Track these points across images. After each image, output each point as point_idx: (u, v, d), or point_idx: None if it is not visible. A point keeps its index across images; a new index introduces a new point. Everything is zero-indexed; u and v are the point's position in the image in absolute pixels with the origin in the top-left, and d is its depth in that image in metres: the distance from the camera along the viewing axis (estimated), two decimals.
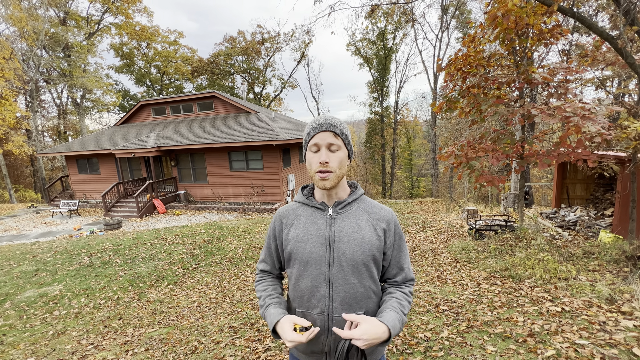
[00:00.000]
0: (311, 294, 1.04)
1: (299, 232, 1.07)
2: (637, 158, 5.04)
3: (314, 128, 1.03)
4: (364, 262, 1.03)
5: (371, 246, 1.03)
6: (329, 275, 1.02)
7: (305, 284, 1.05)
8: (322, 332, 1.04)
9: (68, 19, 21.89)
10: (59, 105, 24.66)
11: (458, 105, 5.81)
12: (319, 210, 1.08)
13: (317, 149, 1.02)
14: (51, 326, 4.09)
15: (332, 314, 1.02)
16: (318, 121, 1.04)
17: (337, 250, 1.02)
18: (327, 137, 1.01)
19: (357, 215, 1.07)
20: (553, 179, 9.38)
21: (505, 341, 2.40)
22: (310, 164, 1.04)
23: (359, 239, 1.03)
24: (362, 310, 1.04)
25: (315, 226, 1.06)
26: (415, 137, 33.76)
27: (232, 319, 3.61)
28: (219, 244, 7.24)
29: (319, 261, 1.03)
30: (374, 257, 1.05)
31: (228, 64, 30.64)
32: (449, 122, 16.22)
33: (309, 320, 1.04)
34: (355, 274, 1.02)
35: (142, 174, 13.94)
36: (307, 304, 1.05)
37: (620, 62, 5.07)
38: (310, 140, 1.03)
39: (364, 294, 1.04)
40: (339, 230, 1.04)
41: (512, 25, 4.81)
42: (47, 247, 7.76)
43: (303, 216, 1.10)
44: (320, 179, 1.02)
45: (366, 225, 1.05)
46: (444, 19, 22.63)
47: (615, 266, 3.73)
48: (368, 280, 1.05)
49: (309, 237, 1.05)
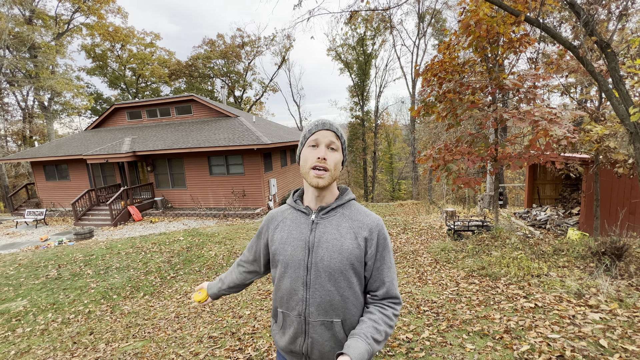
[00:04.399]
0: (290, 296, 1.05)
1: (283, 234, 1.09)
2: (599, 160, 5.38)
3: (316, 125, 1.04)
4: (340, 270, 1.00)
5: (350, 254, 1.00)
6: (306, 280, 1.02)
7: (285, 285, 1.06)
8: (299, 334, 1.05)
9: (34, 17, 20.75)
10: (24, 108, 23.24)
11: (435, 110, 5.98)
12: (303, 214, 1.09)
13: (316, 145, 1.02)
14: (13, 345, 3.79)
15: (309, 317, 1.02)
16: (321, 120, 1.06)
17: (315, 256, 1.01)
18: (329, 135, 1.03)
19: (339, 221, 1.05)
20: (525, 180, 9.84)
21: (483, 339, 2.46)
22: (306, 160, 1.03)
23: (337, 246, 1.01)
24: (339, 318, 1.02)
25: (298, 230, 1.07)
26: (396, 140, 34.46)
27: (212, 329, 3.50)
28: (199, 251, 7.03)
29: (298, 264, 1.03)
30: (353, 265, 1.01)
31: (207, 67, 30.11)
32: (427, 126, 16.69)
33: (288, 321, 1.08)
34: (332, 281, 1.01)
35: (117, 180, 13.36)
36: (287, 305, 1.07)
37: (582, 69, 5.42)
38: (311, 136, 1.03)
39: (341, 302, 1.02)
40: (319, 235, 1.03)
41: (484, 34, 5.03)
42: (10, 259, 7.23)
43: (289, 219, 1.11)
44: (315, 176, 0.99)
45: (347, 232, 1.03)
46: (420, 27, 23.39)
47: (583, 262, 3.94)
48: (346, 290, 1.02)
49: (291, 239, 1.06)
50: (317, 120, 1.07)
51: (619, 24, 6.64)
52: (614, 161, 5.10)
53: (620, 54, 5.72)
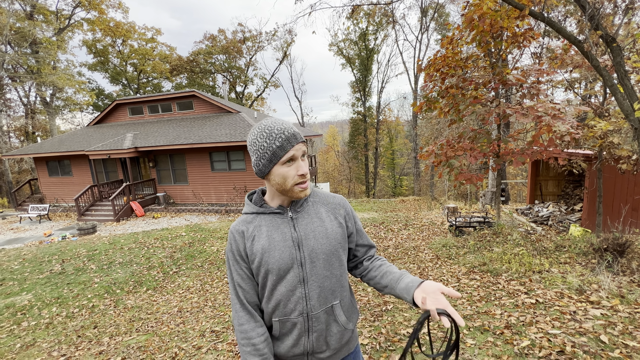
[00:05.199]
0: (287, 299, 1.02)
1: (263, 242, 1.01)
2: (602, 156, 5.35)
3: (286, 141, 0.95)
4: (333, 253, 1.05)
5: (336, 235, 1.07)
6: (302, 276, 1.02)
7: (280, 291, 1.02)
8: (303, 334, 1.02)
9: (35, 13, 20.69)
10: (26, 104, 23.28)
11: (437, 105, 5.95)
12: (278, 215, 1.05)
13: (292, 160, 0.98)
14: (19, 338, 3.85)
15: (311, 312, 1.02)
16: (287, 132, 0.96)
17: (305, 249, 1.02)
18: (301, 147, 0.99)
19: (316, 209, 1.08)
20: (527, 176, 9.80)
21: (484, 334, 2.47)
22: (285, 178, 0.97)
23: (323, 232, 1.05)
24: (337, 299, 1.06)
25: (278, 232, 1.03)
26: (397, 136, 34.34)
27: (214, 323, 3.53)
28: (201, 246, 7.07)
29: (291, 264, 1.01)
30: (341, 244, 1.08)
31: (208, 63, 30.00)
32: (429, 122, 16.60)
33: (288, 325, 1.02)
34: (327, 267, 1.04)
35: (119, 176, 13.41)
36: (284, 310, 1.02)
37: (586, 64, 5.36)
38: (285, 154, 0.96)
39: (336, 283, 1.06)
40: (303, 228, 1.03)
41: (487, 28, 4.97)
42: (15, 254, 7.30)
43: (264, 225, 1.04)
44: (302, 190, 1.00)
45: (327, 216, 1.08)
46: (423, 21, 23.16)
47: (584, 258, 3.93)
48: (338, 269, 1.08)
49: (275, 244, 1.01)
50: (285, 133, 0.96)
51: (625, 18, 6.55)
52: (617, 157, 5.07)
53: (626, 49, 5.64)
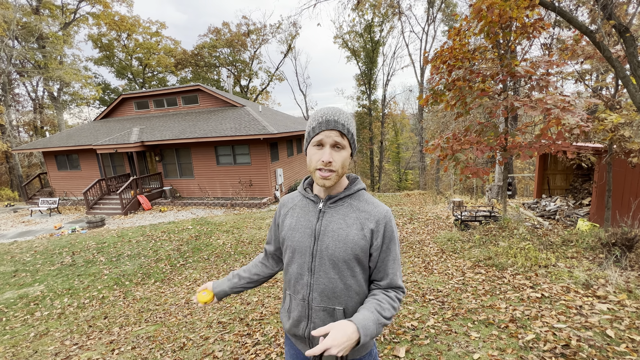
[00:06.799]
0: (296, 280, 1.08)
1: (292, 220, 1.11)
2: (613, 149, 5.25)
3: (319, 124, 0.96)
4: (344, 260, 1.01)
5: (354, 245, 1.00)
6: (311, 266, 1.04)
7: (293, 270, 1.09)
8: (303, 318, 1.07)
9: (41, 7, 20.79)
10: (34, 99, 23.57)
11: (444, 98, 5.87)
12: (312, 203, 1.10)
13: (320, 144, 0.97)
14: (32, 328, 3.97)
15: (312, 302, 1.05)
16: (324, 117, 0.97)
17: (321, 244, 1.03)
18: (333, 135, 0.96)
19: (346, 211, 1.05)
20: (535, 170, 9.67)
21: (489, 327, 2.48)
22: (310, 160, 0.99)
23: (343, 235, 1.01)
24: (341, 306, 1.04)
25: (305, 217, 1.08)
26: (403, 130, 34.05)
27: (220, 315, 3.60)
28: (207, 239, 7.16)
29: (304, 251, 1.05)
30: (357, 256, 1.01)
31: (213, 56, 29.92)
32: (435, 115, 16.41)
33: (293, 304, 1.10)
34: (336, 270, 1.02)
35: (126, 170, 13.57)
36: (294, 289, 1.10)
37: (598, 55, 5.23)
38: (315, 136, 0.97)
39: (344, 290, 1.03)
40: (325, 224, 1.04)
41: (496, 19, 4.86)
42: (26, 246, 7.48)
43: (298, 206, 1.13)
44: (321, 178, 0.98)
45: (353, 223, 1.02)
46: (430, 12, 22.72)
47: (592, 253, 3.89)
48: (350, 279, 1.03)
49: (299, 226, 1.08)
50: (321, 116, 0.97)
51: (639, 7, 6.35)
52: (628, 150, 4.97)
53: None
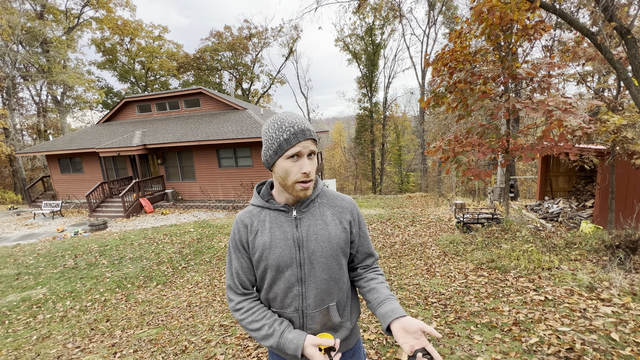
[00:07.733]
0: (285, 294, 1.04)
1: (265, 238, 1.02)
2: (615, 151, 5.23)
3: (294, 135, 0.92)
4: (333, 257, 1.04)
5: (339, 240, 1.05)
6: (300, 276, 1.02)
7: (279, 287, 1.04)
8: (297, 328, 1.05)
9: (45, 12, 21.01)
10: (38, 102, 23.75)
11: (445, 101, 5.87)
12: (283, 213, 1.04)
13: (297, 156, 0.94)
14: (35, 330, 3.98)
15: (306, 310, 1.04)
16: (296, 126, 0.93)
17: (306, 250, 1.01)
18: (309, 145, 0.95)
19: (321, 211, 1.06)
20: (537, 172, 9.63)
21: (492, 330, 2.46)
22: (287, 173, 0.95)
23: (325, 235, 1.03)
24: (333, 301, 1.06)
25: (281, 230, 1.02)
26: (404, 132, 34.03)
27: (222, 317, 3.59)
28: (209, 242, 7.16)
29: (290, 263, 1.01)
30: (342, 249, 1.07)
31: (215, 60, 30.09)
32: (437, 118, 16.40)
33: (285, 317, 1.05)
34: (326, 270, 1.03)
35: (128, 173, 13.62)
36: (281, 304, 1.05)
37: (599, 57, 5.22)
38: (291, 148, 0.93)
39: (334, 285, 1.06)
40: (305, 229, 1.02)
41: (497, 21, 4.87)
42: (29, 249, 7.51)
43: (267, 221, 1.04)
44: (303, 189, 0.97)
45: (332, 220, 1.05)
46: (431, 15, 22.79)
47: (595, 255, 3.86)
48: (338, 272, 1.06)
49: (276, 241, 1.01)
50: (292, 126, 0.93)
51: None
52: (631, 152, 4.94)
53: None
